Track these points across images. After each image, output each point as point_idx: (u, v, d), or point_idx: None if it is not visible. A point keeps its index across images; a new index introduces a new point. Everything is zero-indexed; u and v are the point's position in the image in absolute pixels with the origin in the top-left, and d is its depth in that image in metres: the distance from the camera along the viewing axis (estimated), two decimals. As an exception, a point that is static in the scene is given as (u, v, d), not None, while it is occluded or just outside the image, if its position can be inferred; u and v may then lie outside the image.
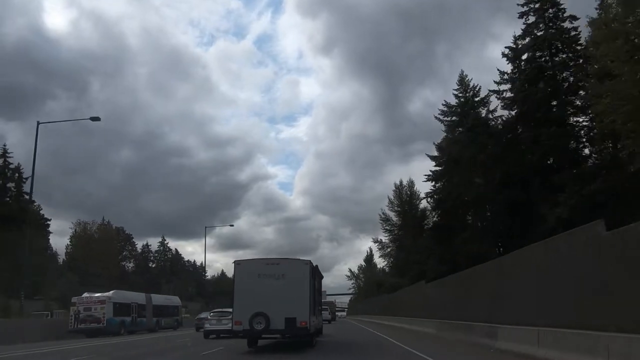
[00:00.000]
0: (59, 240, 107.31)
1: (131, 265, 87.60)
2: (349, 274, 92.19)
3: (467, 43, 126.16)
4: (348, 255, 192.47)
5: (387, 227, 56.04)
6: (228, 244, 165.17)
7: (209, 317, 24.52)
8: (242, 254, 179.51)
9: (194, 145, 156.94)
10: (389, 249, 57.81)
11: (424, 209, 49.49)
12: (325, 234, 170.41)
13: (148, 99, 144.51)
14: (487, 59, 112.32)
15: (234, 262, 15.56)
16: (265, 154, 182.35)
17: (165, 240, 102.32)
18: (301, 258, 16.00)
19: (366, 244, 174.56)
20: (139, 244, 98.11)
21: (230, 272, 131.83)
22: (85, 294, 31.06)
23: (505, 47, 31.86)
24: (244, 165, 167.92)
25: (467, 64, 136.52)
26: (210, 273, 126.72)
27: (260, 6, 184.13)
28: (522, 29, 30.96)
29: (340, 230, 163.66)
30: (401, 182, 56.29)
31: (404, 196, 54.76)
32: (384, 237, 57.57)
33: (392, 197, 55.63)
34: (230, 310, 26.04)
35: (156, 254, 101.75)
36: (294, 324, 14.15)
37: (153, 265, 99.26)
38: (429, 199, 41.75)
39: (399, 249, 53.89)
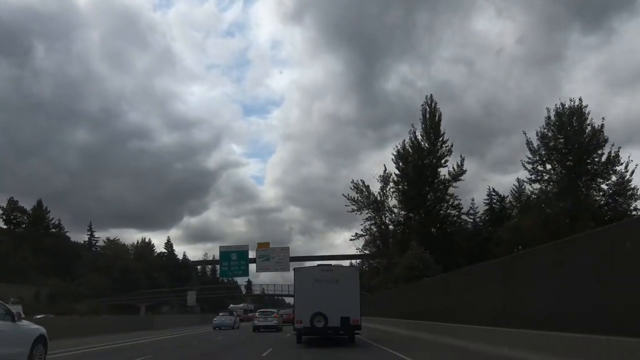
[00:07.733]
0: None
1: None
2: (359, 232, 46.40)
3: (449, 13, 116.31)
4: (322, 249, 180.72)
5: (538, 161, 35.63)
6: (197, 236, 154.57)
7: (257, 315, 31.29)
8: (210, 246, 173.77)
9: (156, 127, 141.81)
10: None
11: None
12: (298, 227, 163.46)
13: (102, 70, 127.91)
14: (470, 33, 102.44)
15: (294, 269, 18.74)
16: (234, 139, 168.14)
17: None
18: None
19: (341, 238, 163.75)
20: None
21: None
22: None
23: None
24: (211, 150, 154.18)
25: (448, 37, 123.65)
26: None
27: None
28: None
29: (313, 223, 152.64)
30: (562, 106, 34.75)
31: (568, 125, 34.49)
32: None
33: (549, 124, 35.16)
34: (273, 310, 30.00)
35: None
36: (348, 322, 16.53)
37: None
38: None
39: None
